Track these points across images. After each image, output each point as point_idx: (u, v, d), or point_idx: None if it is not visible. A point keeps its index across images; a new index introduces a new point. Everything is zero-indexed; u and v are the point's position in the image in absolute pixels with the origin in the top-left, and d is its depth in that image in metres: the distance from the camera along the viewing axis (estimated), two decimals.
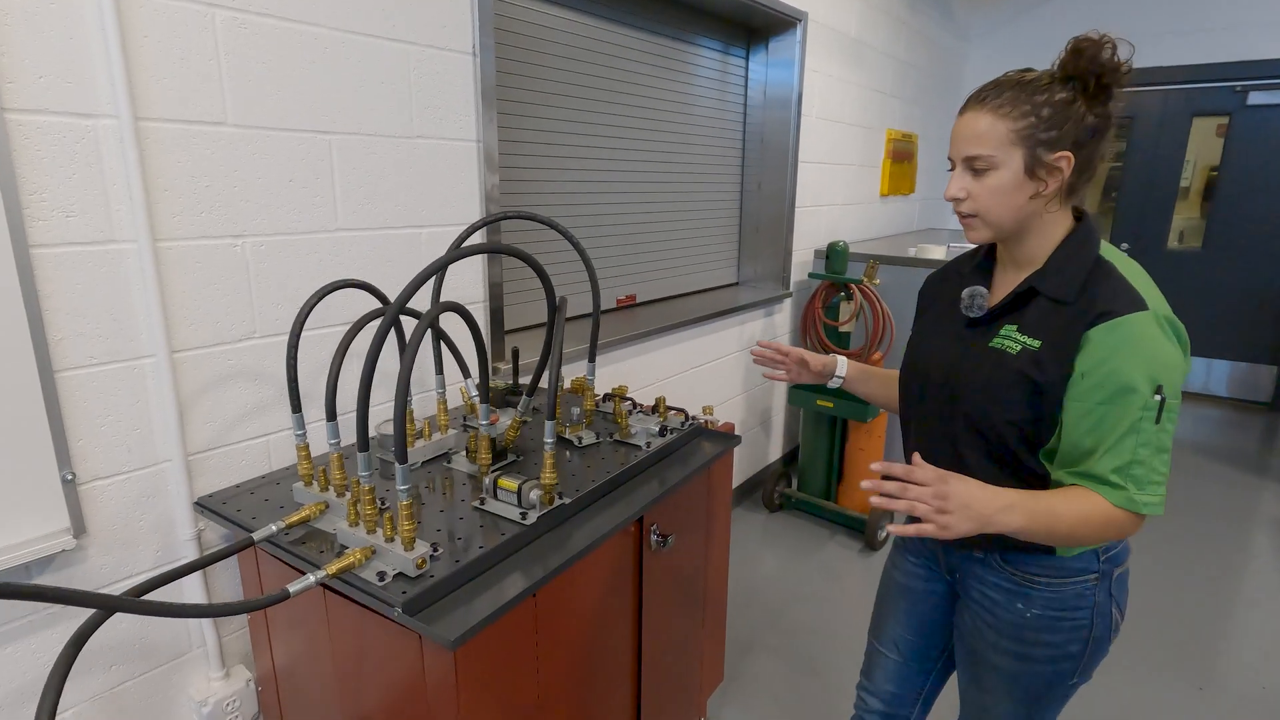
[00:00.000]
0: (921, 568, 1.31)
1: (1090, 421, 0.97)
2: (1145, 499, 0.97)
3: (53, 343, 1.13)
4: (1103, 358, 0.95)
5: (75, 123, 1.11)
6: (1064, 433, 1.00)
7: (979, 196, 1.03)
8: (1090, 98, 0.98)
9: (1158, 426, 0.95)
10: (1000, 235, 1.07)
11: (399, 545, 1.03)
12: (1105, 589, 1.10)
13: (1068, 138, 0.98)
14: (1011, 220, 1.03)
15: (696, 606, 1.69)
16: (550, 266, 2.24)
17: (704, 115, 2.87)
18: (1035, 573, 1.10)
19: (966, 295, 1.11)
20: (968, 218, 1.06)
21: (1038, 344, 1.01)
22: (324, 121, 1.42)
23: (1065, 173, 1.00)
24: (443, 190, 1.68)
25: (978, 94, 1.02)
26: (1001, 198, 1.01)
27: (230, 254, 1.33)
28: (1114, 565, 1.11)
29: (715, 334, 2.84)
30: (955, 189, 1.05)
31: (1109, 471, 0.97)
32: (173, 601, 0.81)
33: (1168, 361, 0.95)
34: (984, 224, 1.05)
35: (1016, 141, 0.98)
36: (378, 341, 1.00)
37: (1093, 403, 0.96)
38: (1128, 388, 0.94)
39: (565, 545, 1.18)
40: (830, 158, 3.44)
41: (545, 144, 2.17)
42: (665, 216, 2.77)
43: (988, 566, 1.15)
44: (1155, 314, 0.96)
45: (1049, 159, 0.99)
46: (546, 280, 1.25)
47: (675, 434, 1.56)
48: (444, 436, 1.47)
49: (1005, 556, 1.13)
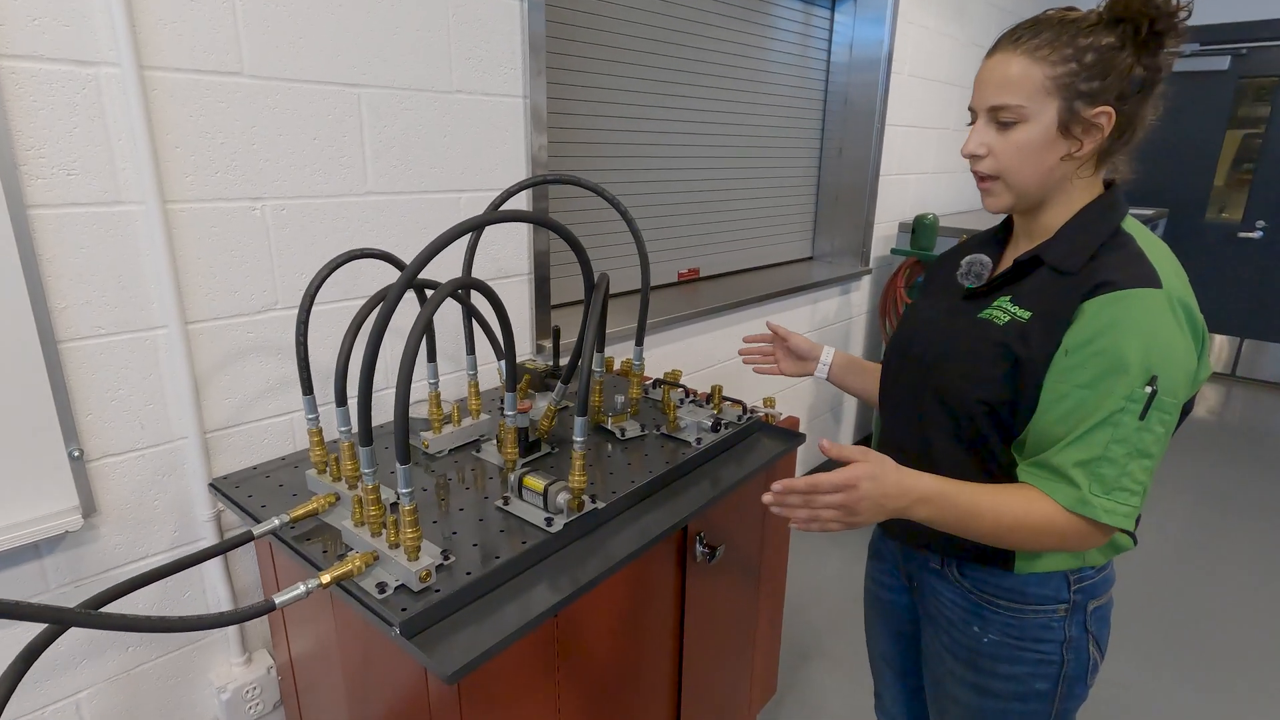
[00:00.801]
0: (887, 575, 1.19)
1: (1065, 407, 0.84)
2: (1107, 504, 0.82)
3: (55, 311, 1.05)
4: (1094, 333, 0.82)
5: (74, 71, 1.01)
6: (1034, 418, 0.87)
7: (1002, 154, 0.89)
8: (1140, 45, 0.84)
9: (1141, 424, 0.81)
10: (1022, 203, 0.93)
11: (402, 554, 0.91)
12: (1079, 622, 0.97)
13: (1111, 90, 0.84)
14: (1037, 184, 0.90)
15: (748, 620, 1.53)
16: (602, 237, 2.08)
17: (781, 73, 2.62)
18: (992, 593, 0.99)
19: (965, 263, 1.01)
20: (987, 180, 0.93)
21: (1027, 315, 0.89)
22: (352, 73, 1.30)
23: (1104, 131, 0.86)
24: (484, 152, 1.54)
25: (1011, 33, 0.88)
26: (1029, 156, 0.88)
27: (249, 218, 1.23)
28: (1089, 597, 0.97)
29: (785, 313, 2.62)
30: (975, 144, 0.91)
31: (1069, 464, 0.83)
32: (132, 614, 0.71)
33: (1171, 350, 0.81)
34: (1005, 187, 0.92)
35: (1053, 91, 0.85)
36: (381, 322, 0.86)
37: (1072, 384, 0.83)
38: (1115, 369, 0.81)
39: (595, 557, 1.03)
40: (921, 120, 3.12)
41: (600, 102, 1.99)
42: (735, 184, 2.55)
43: (944, 579, 1.04)
44: (1169, 295, 0.82)
45: (1088, 114, 0.85)
46: (583, 255, 1.09)
47: (730, 429, 1.39)
48: (475, 421, 1.35)
49: (962, 569, 1.01)
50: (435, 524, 1.07)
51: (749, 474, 1.29)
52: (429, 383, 1.28)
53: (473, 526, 1.07)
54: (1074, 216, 0.91)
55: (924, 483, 0.85)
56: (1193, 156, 4.49)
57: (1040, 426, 0.87)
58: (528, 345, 1.76)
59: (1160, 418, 0.82)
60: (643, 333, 1.36)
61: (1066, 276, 0.87)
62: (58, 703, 1.17)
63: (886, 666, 1.27)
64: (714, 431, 1.37)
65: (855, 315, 3.12)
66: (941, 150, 3.36)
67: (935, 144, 3.30)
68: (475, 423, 1.35)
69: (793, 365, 1.32)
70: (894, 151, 2.97)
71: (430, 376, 1.27)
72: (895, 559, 1.16)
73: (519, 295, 1.70)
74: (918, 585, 1.11)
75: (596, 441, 1.36)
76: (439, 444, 1.30)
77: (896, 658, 1.24)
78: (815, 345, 1.30)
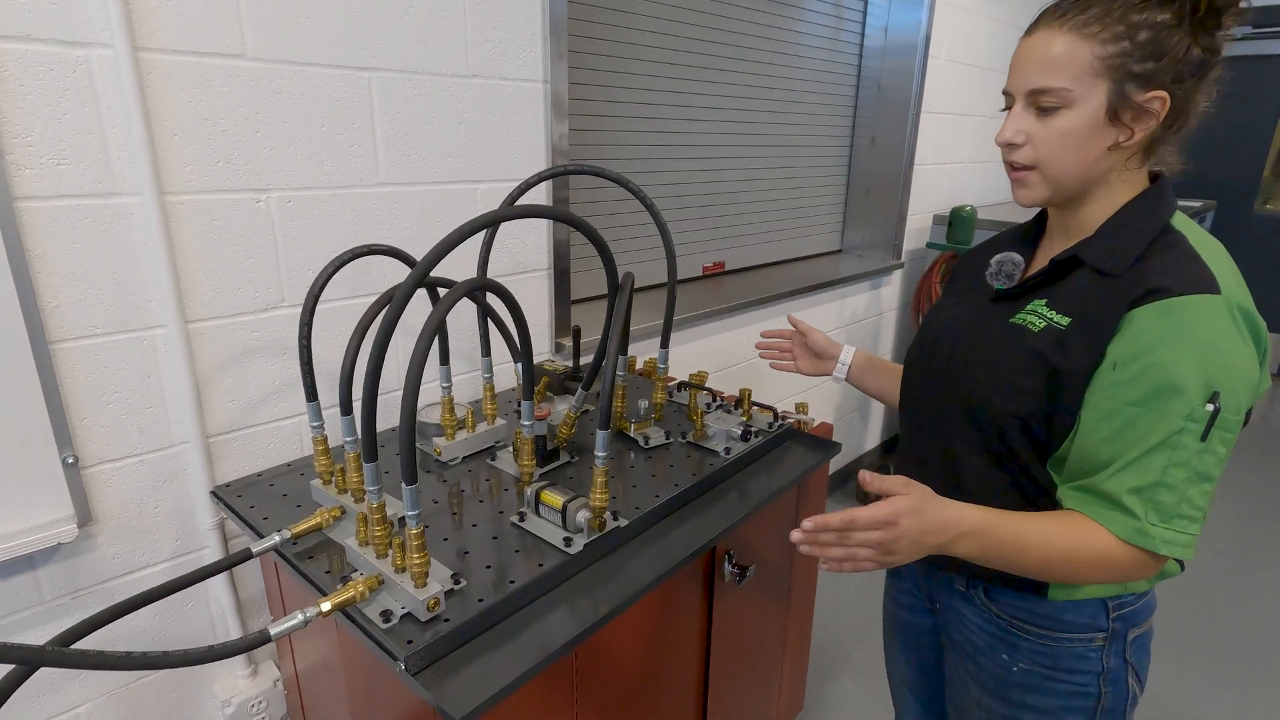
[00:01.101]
0: (907, 594, 1.11)
1: (1113, 426, 0.76)
2: (1166, 534, 0.75)
3: (47, 310, 0.99)
4: (1145, 346, 0.74)
5: (63, 52, 0.94)
6: (1078, 437, 0.80)
7: (1042, 143, 0.81)
8: (1198, 24, 0.76)
9: (1203, 445, 0.74)
10: (1060, 197, 0.85)
11: (409, 580, 0.84)
12: (1117, 652, 0.90)
13: (1165, 72, 0.76)
14: (1078, 177, 0.82)
15: (777, 640, 1.44)
16: (625, 229, 2.00)
17: (811, 57, 2.50)
18: (1023, 619, 0.92)
19: (995, 262, 0.92)
20: (1021, 170, 0.84)
21: (1066, 321, 0.81)
22: (362, 56, 1.22)
23: (1157, 118, 0.78)
24: (503, 140, 1.45)
25: (1055, 8, 0.81)
26: (1071, 146, 0.80)
27: (252, 211, 1.16)
28: (1129, 624, 0.90)
29: (813, 309, 2.52)
30: (1011, 131, 0.82)
31: (1124, 491, 0.76)
32: (110, 652, 0.65)
33: (1234, 363, 0.74)
34: (1042, 179, 0.83)
35: (1101, 72, 0.77)
36: (386, 327, 0.79)
37: (1121, 402, 0.76)
38: (1171, 387, 0.73)
39: (617, 580, 0.95)
40: (958, 107, 2.98)
41: (623, 88, 1.90)
42: (762, 174, 2.45)
43: (969, 603, 0.97)
44: (1228, 300, 0.74)
45: (1140, 99, 0.77)
46: (608, 254, 1.00)
47: (761, 438, 1.30)
48: (491, 427, 1.28)
49: (990, 593, 0.94)
50: (446, 541, 1.00)
51: (781, 488, 1.20)
52: (442, 386, 1.21)
53: (486, 545, 0.99)
54: (1117, 213, 0.83)
55: (968, 516, 0.78)
56: (1241, 145, 4.30)
57: (1085, 446, 0.79)
58: (546, 343, 1.68)
59: (1223, 437, 0.75)
60: (668, 335, 1.27)
61: (1109, 279, 0.80)
62: (56, 718, 1.12)
63: (908, 692, 1.19)
64: (743, 440, 1.28)
65: (885, 311, 3.00)
66: (978, 138, 3.21)
67: (971, 132, 3.16)
68: (490, 428, 1.27)
69: (810, 363, 1.28)
70: (929, 140, 2.84)
71: (443, 380, 1.20)
72: (916, 577, 1.08)
73: (537, 291, 1.62)
74: (941, 607, 1.04)
75: (618, 449, 1.28)
76: (452, 451, 1.22)
77: (918, 683, 1.16)
78: (834, 344, 1.26)
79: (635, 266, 2.06)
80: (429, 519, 1.05)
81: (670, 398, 1.52)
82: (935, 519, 0.76)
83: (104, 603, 1.12)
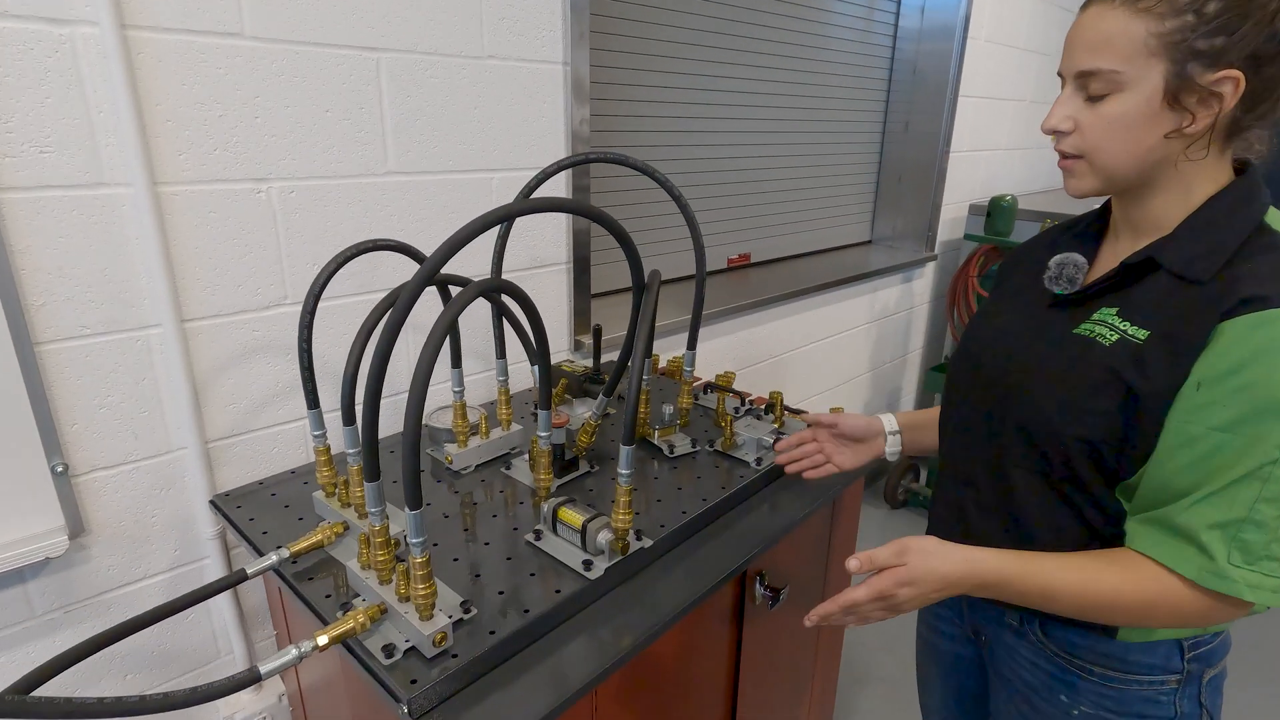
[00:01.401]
0: (947, 623, 1.02)
1: (1194, 453, 0.67)
2: (1252, 578, 0.66)
3: (32, 309, 0.92)
4: (1237, 363, 0.65)
5: (45, 30, 0.87)
6: (1151, 464, 0.71)
7: (1090, 130, 0.73)
8: None
9: None
10: (1114, 188, 0.77)
11: (414, 611, 0.76)
12: (1191, 696, 0.82)
13: (1239, 49, 0.66)
14: (1130, 167, 0.73)
15: (808, 658, 1.36)
16: (647, 220, 1.90)
17: (843, 39, 2.38)
18: (1087, 659, 0.83)
19: (1055, 264, 0.82)
20: (1069, 159, 0.76)
21: (1144, 335, 0.72)
22: (369, 35, 1.13)
23: (1226, 102, 0.67)
24: (520, 125, 1.36)
25: None
26: (1121, 133, 0.71)
27: (253, 202, 1.08)
28: (1205, 665, 0.82)
29: (841, 303, 2.41)
30: (1058, 117, 0.75)
31: (1202, 526, 0.67)
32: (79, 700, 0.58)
33: None
34: (1090, 169, 0.75)
35: (1158, 51, 0.67)
36: (389, 333, 0.71)
37: (1205, 426, 0.67)
38: (1266, 410, 0.64)
39: (641, 606, 0.88)
40: (996, 90, 2.84)
41: (647, 70, 1.80)
42: (789, 161, 2.34)
43: (1022, 638, 0.89)
44: None
45: (1205, 80, 0.67)
46: (633, 251, 0.91)
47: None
48: (506, 433, 1.20)
49: (1046, 628, 0.86)
50: (456, 562, 0.93)
51: (816, 504, 1.11)
52: (454, 391, 1.13)
53: (499, 566, 0.92)
54: (1200, 208, 0.74)
55: (979, 569, 0.74)
56: None
57: (1161, 475, 0.70)
58: (565, 340, 1.60)
59: None
60: (696, 335, 1.19)
61: (1194, 286, 0.71)
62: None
63: None
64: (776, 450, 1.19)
65: (917, 305, 2.89)
66: (1017, 124, 3.07)
67: (1010, 117, 3.01)
68: (505, 434, 1.20)
69: (853, 453, 1.07)
70: (966, 125, 2.71)
71: (455, 384, 1.12)
72: (958, 605, 0.99)
73: (556, 287, 1.54)
74: (988, 639, 0.95)
75: (640, 458, 1.20)
76: (464, 459, 1.15)
77: (957, 718, 1.07)
78: (872, 418, 1.07)
79: (656, 259, 1.97)
80: (439, 535, 0.98)
81: (696, 400, 1.43)
82: (939, 580, 0.73)
83: (99, 615, 1.07)
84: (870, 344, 2.66)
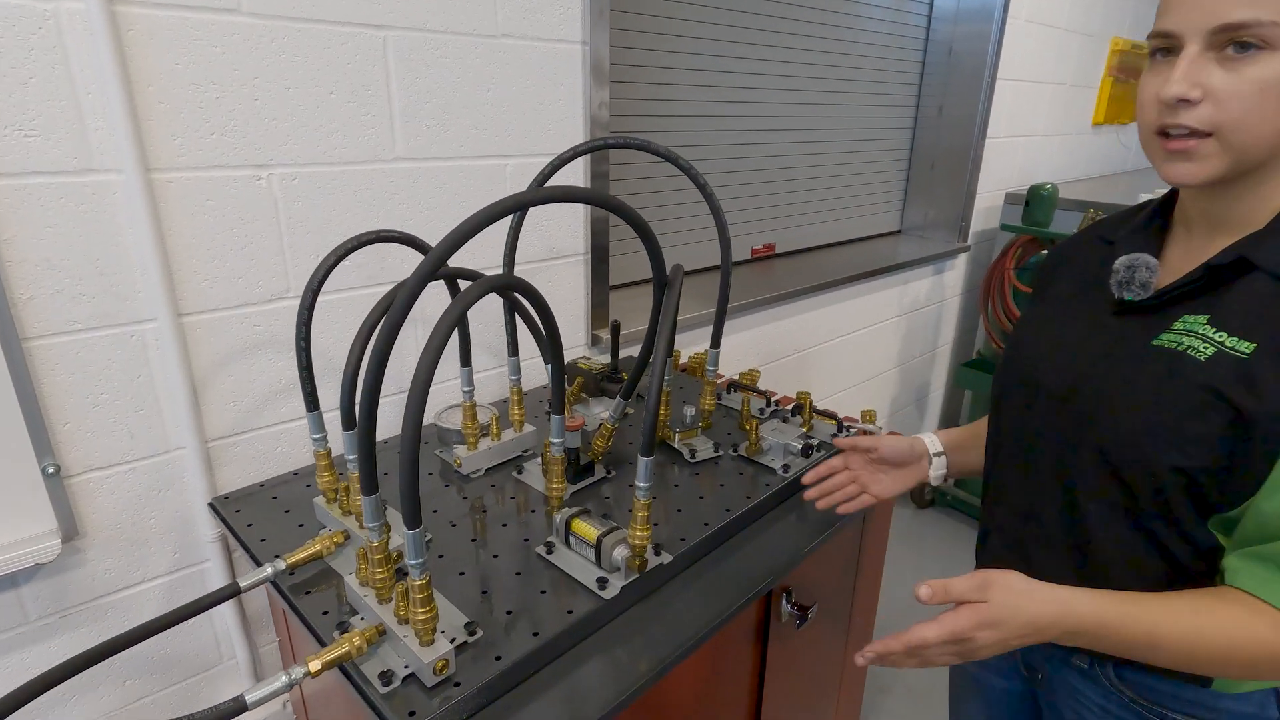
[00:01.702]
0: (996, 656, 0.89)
1: None
2: None
3: (19, 303, 0.88)
4: None
5: (26, 5, 0.81)
6: (1264, 495, 0.62)
7: (1231, 98, 0.60)
8: None
9: None
10: (1236, 173, 0.64)
11: (414, 636, 0.70)
12: None
13: None
14: (1269, 147, 0.62)
15: (834, 674, 1.29)
16: (669, 209, 1.82)
17: (875, 19, 2.27)
18: (1172, 707, 0.74)
19: (1124, 266, 0.71)
20: (1193, 137, 0.63)
21: (1249, 348, 0.62)
22: (376, 11, 1.07)
23: None
24: (536, 109, 1.29)
25: None
26: (1274, 103, 0.59)
27: (252, 189, 1.02)
28: None
29: (869, 295, 2.32)
30: (1186, 84, 0.61)
31: None
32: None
33: None
34: (1221, 150, 0.62)
35: None
36: (386, 335, 0.64)
37: None
38: None
39: (659, 627, 0.81)
40: (1035, 74, 2.71)
41: (671, 51, 1.72)
42: (817, 148, 2.24)
43: (1091, 680, 0.79)
44: None
45: None
46: (654, 244, 0.84)
47: (824, 453, 1.14)
48: (518, 435, 1.14)
49: (1121, 672, 0.76)
50: (463, 576, 0.87)
51: (847, 517, 1.04)
52: (463, 391, 1.07)
53: (508, 582, 0.86)
54: None
55: (1074, 612, 0.64)
56: None
57: (1270, 507, 0.61)
58: (581, 335, 1.54)
59: None
60: (720, 333, 1.12)
61: None
62: None
63: None
64: (804, 456, 1.12)
65: (948, 298, 2.78)
66: (1055, 108, 2.93)
67: (1049, 101, 2.88)
68: (518, 436, 1.14)
69: (890, 480, 0.97)
70: (1003, 110, 2.59)
71: (464, 383, 1.06)
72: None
73: (572, 278, 1.47)
74: (1046, 679, 0.86)
75: (660, 463, 1.13)
76: (474, 462, 1.09)
77: None
78: (914, 439, 0.97)
79: (676, 250, 1.89)
80: (446, 544, 0.93)
81: (719, 400, 1.36)
82: (1025, 625, 0.63)
83: (95, 620, 1.03)
84: (899, 338, 2.56)
